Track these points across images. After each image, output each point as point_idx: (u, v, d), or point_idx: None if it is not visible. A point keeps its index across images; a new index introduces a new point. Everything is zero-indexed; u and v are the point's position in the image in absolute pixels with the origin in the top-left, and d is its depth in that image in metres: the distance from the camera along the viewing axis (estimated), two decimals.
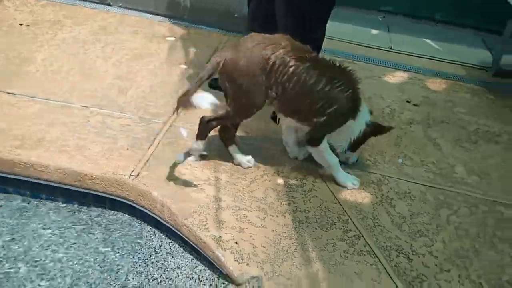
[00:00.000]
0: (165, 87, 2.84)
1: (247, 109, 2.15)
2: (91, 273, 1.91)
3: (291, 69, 2.05)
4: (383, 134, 2.35)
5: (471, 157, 2.67)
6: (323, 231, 2.08)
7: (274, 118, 2.50)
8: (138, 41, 3.31)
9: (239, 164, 2.30)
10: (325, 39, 2.53)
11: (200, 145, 2.21)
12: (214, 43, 3.44)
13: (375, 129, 2.30)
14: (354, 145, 2.31)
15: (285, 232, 2.03)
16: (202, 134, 2.19)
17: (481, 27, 4.24)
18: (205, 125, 2.16)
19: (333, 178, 2.32)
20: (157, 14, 3.71)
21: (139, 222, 2.15)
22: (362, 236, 2.08)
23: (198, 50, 3.32)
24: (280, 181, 2.29)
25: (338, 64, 2.17)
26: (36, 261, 1.93)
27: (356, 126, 2.24)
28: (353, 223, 2.14)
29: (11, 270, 1.88)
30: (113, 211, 2.19)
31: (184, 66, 3.11)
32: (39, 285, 1.84)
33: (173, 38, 3.45)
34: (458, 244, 2.10)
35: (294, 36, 2.13)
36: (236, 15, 3.56)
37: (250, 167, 2.30)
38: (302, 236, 2.03)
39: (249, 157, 2.32)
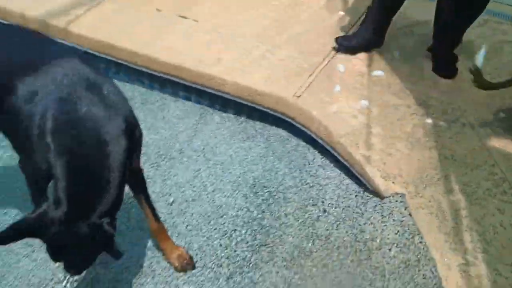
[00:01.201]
0: (324, 30, 3.13)
1: None
2: (256, 169, 2.34)
3: None
4: None
5: None
6: (468, 169, 2.26)
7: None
8: None
9: None
10: (492, 2, 2.59)
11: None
12: None
13: None
14: None
15: (430, 163, 2.26)
16: None
17: None
18: None
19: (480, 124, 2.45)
20: None
21: (296, 138, 2.52)
22: (508, 180, 2.22)
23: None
24: (429, 121, 2.49)
25: None
26: (212, 152, 2.42)
27: None
28: (500, 167, 2.27)
29: (193, 157, 2.39)
30: (274, 127, 2.59)
31: (342, 13, 3.38)
32: (215, 171, 2.32)
33: None
34: None
35: None
36: None
37: None
38: (446, 169, 2.24)
39: None
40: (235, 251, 1.98)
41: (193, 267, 1.91)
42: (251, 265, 1.92)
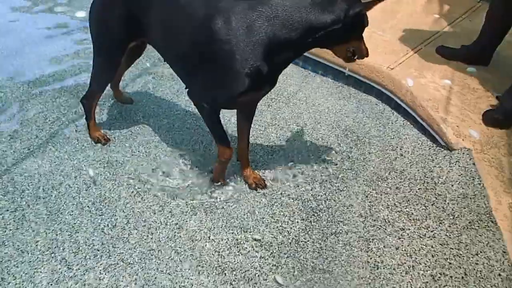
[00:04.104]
0: (419, 26, 3.83)
1: None
2: (347, 120, 3.05)
3: None
4: None
5: None
6: None
7: None
8: None
9: None
10: None
11: None
12: (466, 4, 4.28)
13: None
14: None
15: (498, 132, 2.86)
16: None
17: None
18: None
19: None
20: None
21: (383, 104, 3.21)
22: None
23: (452, 7, 4.22)
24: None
25: None
26: (312, 103, 3.16)
27: None
28: None
29: (297, 104, 3.14)
30: (365, 94, 3.30)
31: (437, 16, 4.05)
32: (314, 116, 3.05)
33: None
34: None
35: None
36: None
37: None
38: None
39: None
40: (326, 168, 2.68)
41: (263, 187, 2.51)
42: (338, 178, 2.61)
